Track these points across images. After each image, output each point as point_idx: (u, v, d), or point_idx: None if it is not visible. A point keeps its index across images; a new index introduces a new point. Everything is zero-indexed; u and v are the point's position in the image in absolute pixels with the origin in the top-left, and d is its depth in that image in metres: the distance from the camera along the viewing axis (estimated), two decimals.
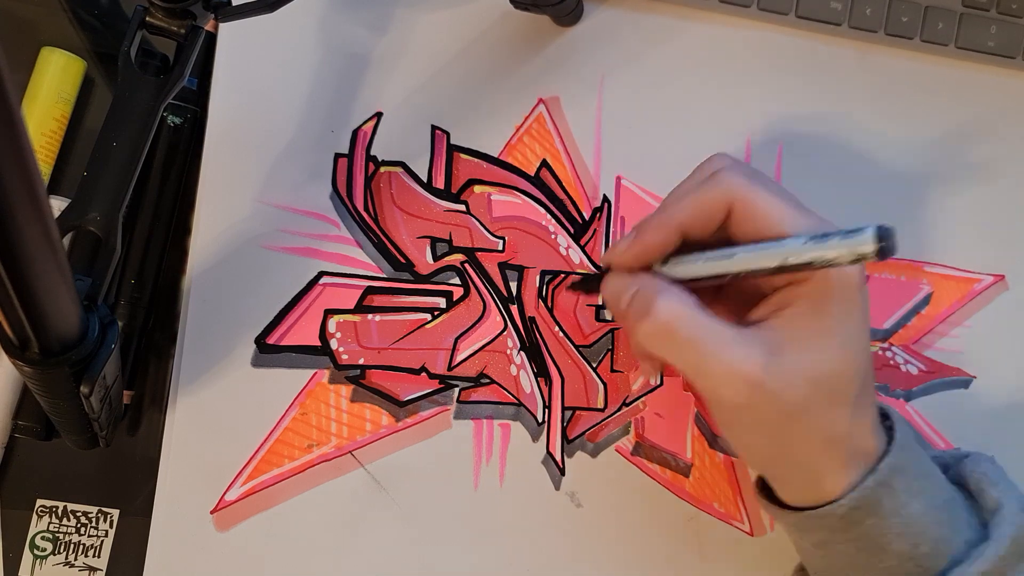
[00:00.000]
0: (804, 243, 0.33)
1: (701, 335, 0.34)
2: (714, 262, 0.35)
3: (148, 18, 0.37)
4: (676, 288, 0.36)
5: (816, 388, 0.34)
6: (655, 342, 0.36)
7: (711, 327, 0.34)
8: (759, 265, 0.34)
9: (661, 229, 0.36)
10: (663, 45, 0.48)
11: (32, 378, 0.31)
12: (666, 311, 0.35)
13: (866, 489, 0.35)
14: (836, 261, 0.32)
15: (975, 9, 0.48)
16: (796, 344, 0.34)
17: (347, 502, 0.42)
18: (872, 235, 0.31)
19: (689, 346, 0.35)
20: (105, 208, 0.35)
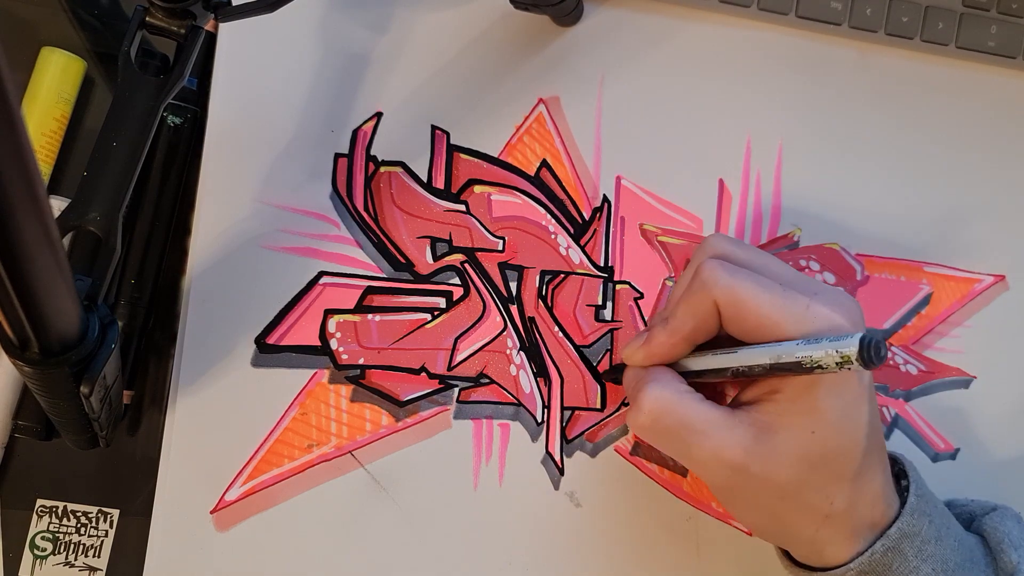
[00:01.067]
0: (796, 345, 0.33)
1: (686, 422, 0.35)
2: (720, 356, 0.37)
3: (148, 18, 0.37)
4: (666, 375, 0.37)
5: (810, 467, 0.35)
6: (643, 433, 0.37)
7: (697, 412, 0.35)
8: (755, 361, 0.35)
9: (668, 341, 0.38)
10: (663, 45, 0.48)
11: (32, 378, 0.31)
12: (651, 400, 0.36)
13: (875, 554, 0.35)
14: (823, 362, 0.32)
15: (975, 9, 0.48)
16: (786, 425, 0.35)
17: (347, 502, 0.42)
18: (857, 345, 0.31)
19: (674, 434, 0.36)
20: (105, 208, 0.35)
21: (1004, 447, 0.47)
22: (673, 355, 0.38)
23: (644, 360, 0.39)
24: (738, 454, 0.35)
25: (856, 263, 0.47)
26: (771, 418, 0.35)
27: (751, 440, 0.35)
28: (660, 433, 0.36)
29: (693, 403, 0.36)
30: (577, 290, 0.45)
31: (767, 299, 0.35)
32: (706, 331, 0.37)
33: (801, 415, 0.35)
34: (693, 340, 0.37)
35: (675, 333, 0.37)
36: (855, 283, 0.47)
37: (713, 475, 0.36)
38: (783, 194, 0.47)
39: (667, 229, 0.46)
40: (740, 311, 0.35)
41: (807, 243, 0.47)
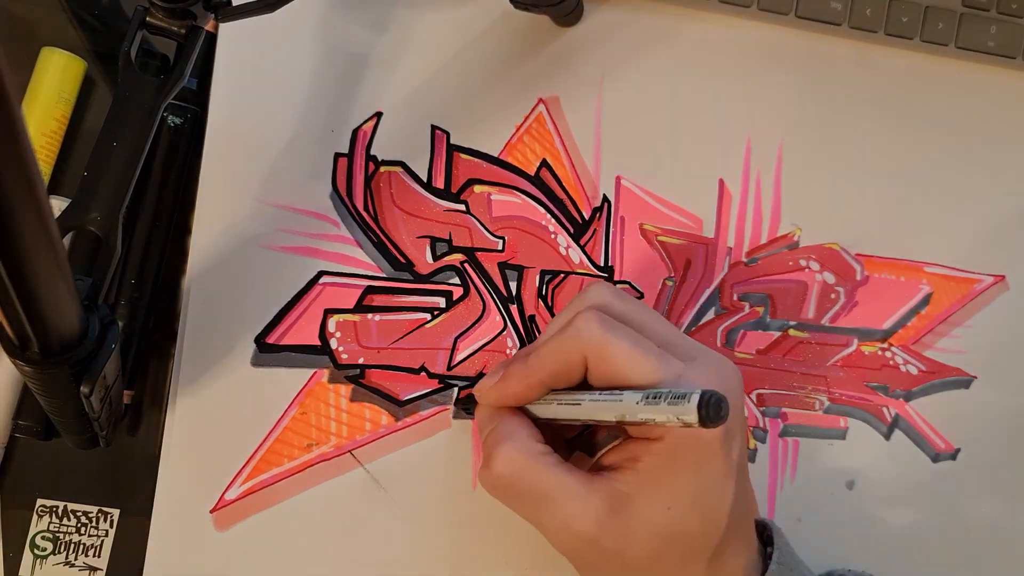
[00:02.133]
0: (637, 402, 0.32)
1: (538, 488, 0.34)
2: (565, 407, 0.35)
3: (148, 18, 0.37)
4: (522, 432, 0.35)
5: (665, 544, 0.33)
6: (493, 493, 0.36)
7: (550, 479, 0.34)
8: (601, 417, 0.34)
9: (523, 381, 0.36)
10: (663, 45, 0.48)
11: (32, 378, 0.31)
12: (503, 463, 0.34)
13: None
14: (666, 423, 0.31)
15: (975, 9, 0.48)
16: (643, 498, 0.33)
17: (347, 501, 0.42)
18: (695, 404, 0.30)
19: (525, 499, 0.34)
20: (105, 208, 0.35)
21: (1004, 447, 0.47)
22: (526, 397, 0.36)
23: (496, 401, 0.37)
24: (590, 526, 0.33)
25: (856, 263, 0.47)
26: (628, 488, 0.33)
27: (605, 512, 0.33)
28: (511, 496, 0.35)
29: (547, 468, 0.34)
30: (577, 290, 0.45)
31: (639, 360, 0.33)
32: (567, 379, 0.35)
33: (659, 489, 0.33)
34: (550, 385, 0.36)
35: (532, 374, 0.36)
36: (855, 283, 0.47)
37: (564, 545, 0.34)
38: (783, 194, 0.47)
39: (667, 229, 0.46)
40: (609, 368, 0.34)
41: (807, 243, 0.47)
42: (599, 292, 0.37)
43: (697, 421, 0.30)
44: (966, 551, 0.46)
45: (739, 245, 0.47)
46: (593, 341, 0.34)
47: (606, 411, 0.33)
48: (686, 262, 0.46)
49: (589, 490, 0.33)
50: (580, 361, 0.35)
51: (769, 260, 0.47)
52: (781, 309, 0.47)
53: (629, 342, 0.34)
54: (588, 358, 0.34)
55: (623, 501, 0.33)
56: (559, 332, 0.35)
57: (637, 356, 0.33)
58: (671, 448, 0.33)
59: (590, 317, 0.35)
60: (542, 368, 0.35)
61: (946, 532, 0.46)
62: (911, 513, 0.46)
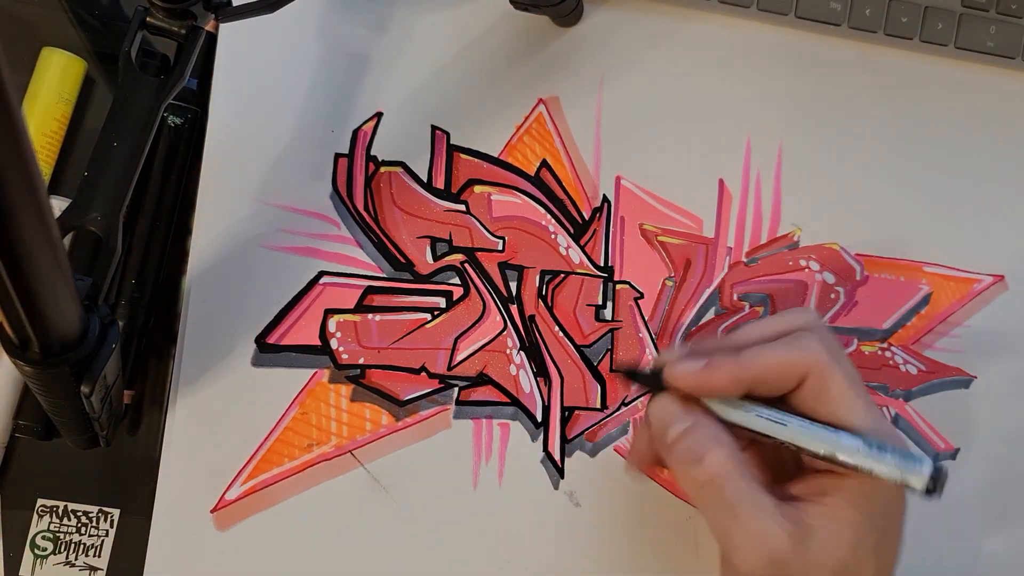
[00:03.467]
0: (859, 447, 0.32)
1: (743, 499, 0.33)
2: (767, 422, 0.34)
3: (148, 18, 0.37)
4: (728, 440, 0.34)
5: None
6: (698, 491, 0.35)
7: (754, 493, 0.34)
8: (808, 446, 0.33)
9: (732, 375, 0.35)
10: (663, 45, 0.48)
11: (32, 378, 0.31)
12: (716, 466, 0.34)
13: None
14: (882, 476, 0.32)
15: (974, 9, 0.48)
16: (828, 536, 0.33)
17: (347, 501, 0.42)
18: (928, 472, 0.30)
19: (728, 507, 0.34)
20: (105, 208, 0.35)
21: (1004, 447, 0.47)
22: (728, 392, 0.35)
23: (695, 388, 0.35)
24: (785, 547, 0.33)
25: (856, 263, 0.47)
26: (814, 521, 0.34)
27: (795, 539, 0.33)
28: (713, 499, 0.34)
29: (752, 482, 0.34)
30: (577, 290, 0.45)
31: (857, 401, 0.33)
32: (774, 388, 0.35)
33: (846, 527, 0.33)
34: (754, 388, 0.35)
35: (743, 371, 0.34)
36: (855, 283, 0.47)
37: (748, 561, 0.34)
38: (783, 194, 0.47)
39: (667, 229, 0.46)
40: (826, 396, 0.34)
41: (807, 243, 0.47)
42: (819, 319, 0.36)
43: (923, 488, 0.30)
44: (966, 551, 0.46)
45: (739, 245, 0.47)
46: (821, 362, 0.34)
47: (817, 442, 0.33)
48: (686, 262, 0.46)
49: (784, 514, 0.33)
50: (797, 376, 0.34)
51: (769, 260, 0.47)
52: (781, 309, 0.47)
53: (851, 379, 0.34)
54: (808, 378, 0.34)
55: (812, 531, 0.33)
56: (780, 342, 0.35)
57: (856, 397, 0.34)
58: (859, 488, 0.34)
59: (820, 339, 0.34)
60: (756, 368, 0.34)
61: (946, 532, 0.46)
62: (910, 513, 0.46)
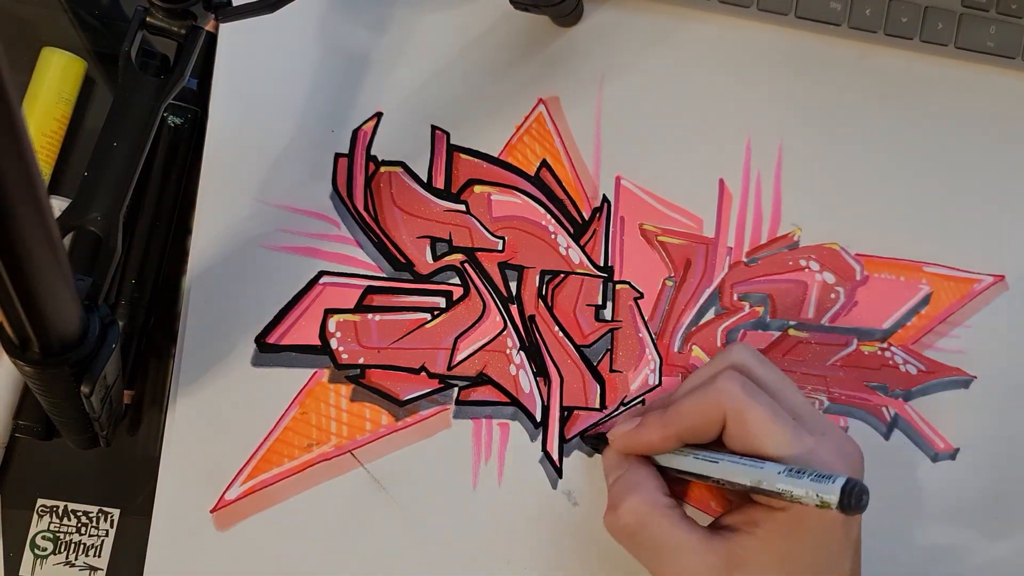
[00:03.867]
0: (779, 474, 0.33)
1: (661, 540, 0.35)
2: (701, 462, 0.36)
3: (148, 18, 0.37)
4: (650, 483, 0.37)
5: None
6: (618, 538, 0.37)
7: (673, 533, 0.35)
8: (735, 479, 0.35)
9: (660, 432, 0.37)
10: (663, 45, 0.48)
11: (32, 378, 0.31)
12: (630, 513, 0.36)
13: None
14: (803, 500, 0.32)
15: (975, 9, 0.48)
16: (759, 565, 0.34)
17: (347, 501, 0.42)
18: (838, 489, 0.31)
19: (646, 547, 0.36)
20: (106, 208, 0.35)
21: (1004, 447, 0.47)
22: (660, 448, 0.38)
23: (628, 448, 0.38)
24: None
25: (856, 263, 0.47)
26: (745, 553, 0.34)
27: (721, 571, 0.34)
28: (633, 544, 0.37)
29: (672, 522, 0.35)
30: (577, 290, 0.45)
31: (776, 431, 0.35)
32: (703, 436, 0.37)
33: (777, 557, 0.34)
34: (685, 440, 0.37)
35: (669, 426, 0.37)
36: (855, 283, 0.47)
37: None
38: (783, 194, 0.47)
39: (667, 229, 0.46)
40: (746, 432, 0.35)
41: (807, 243, 0.47)
42: (741, 354, 0.38)
43: (837, 505, 0.31)
44: (966, 550, 0.46)
45: (739, 245, 0.47)
46: (733, 403, 0.35)
47: (742, 475, 0.34)
48: (686, 262, 0.46)
49: (708, 548, 0.35)
50: (718, 420, 0.36)
51: (769, 260, 0.47)
52: (781, 309, 0.47)
53: (768, 411, 0.35)
54: (727, 419, 0.36)
55: (738, 563, 0.34)
56: (700, 388, 0.37)
57: (775, 427, 0.35)
58: (793, 519, 0.34)
59: (733, 378, 0.36)
60: (680, 422, 0.37)
61: (945, 532, 0.46)
62: (910, 513, 0.46)
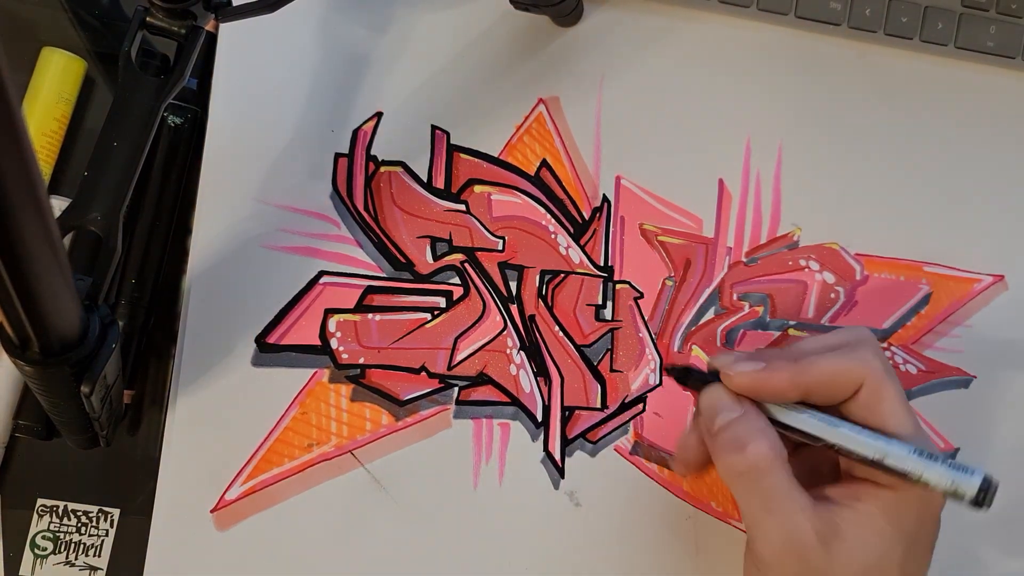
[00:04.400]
0: (910, 454, 0.33)
1: (779, 492, 0.35)
2: (818, 424, 0.35)
3: (148, 18, 0.37)
4: (773, 434, 0.35)
5: None
6: (736, 478, 0.36)
7: (790, 489, 0.35)
8: (858, 449, 0.34)
9: (790, 379, 0.36)
10: (663, 45, 0.48)
11: (33, 378, 0.31)
12: (758, 456, 0.35)
13: None
14: (931, 484, 0.32)
15: (975, 9, 0.48)
16: (857, 541, 0.34)
17: (347, 501, 0.42)
18: (978, 483, 0.31)
19: (764, 497, 0.35)
20: (106, 208, 0.35)
21: (1004, 447, 0.47)
22: (784, 395, 0.36)
23: (751, 387, 0.36)
24: (809, 541, 0.34)
25: (855, 263, 0.47)
26: (844, 525, 0.34)
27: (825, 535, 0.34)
28: (750, 486, 0.35)
29: (791, 477, 0.35)
30: (577, 290, 0.45)
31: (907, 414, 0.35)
32: (829, 395, 0.36)
33: (875, 535, 0.34)
34: (811, 394, 0.36)
35: (801, 375, 0.36)
36: (855, 283, 0.47)
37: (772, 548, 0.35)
38: (783, 194, 0.47)
39: (667, 229, 0.46)
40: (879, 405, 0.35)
41: (807, 243, 0.47)
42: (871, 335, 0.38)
43: (972, 498, 0.31)
44: (965, 550, 0.46)
45: (739, 245, 0.47)
46: (876, 375, 0.35)
47: (867, 447, 0.34)
48: (686, 262, 0.46)
49: (815, 512, 0.34)
50: (853, 385, 0.35)
51: (769, 260, 0.47)
52: (781, 309, 0.47)
53: (902, 395, 0.35)
54: (863, 388, 0.35)
55: (836, 533, 0.34)
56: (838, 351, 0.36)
57: (907, 411, 0.35)
58: (899, 499, 0.34)
59: (876, 352, 0.36)
60: (814, 373, 0.36)
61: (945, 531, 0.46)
62: None
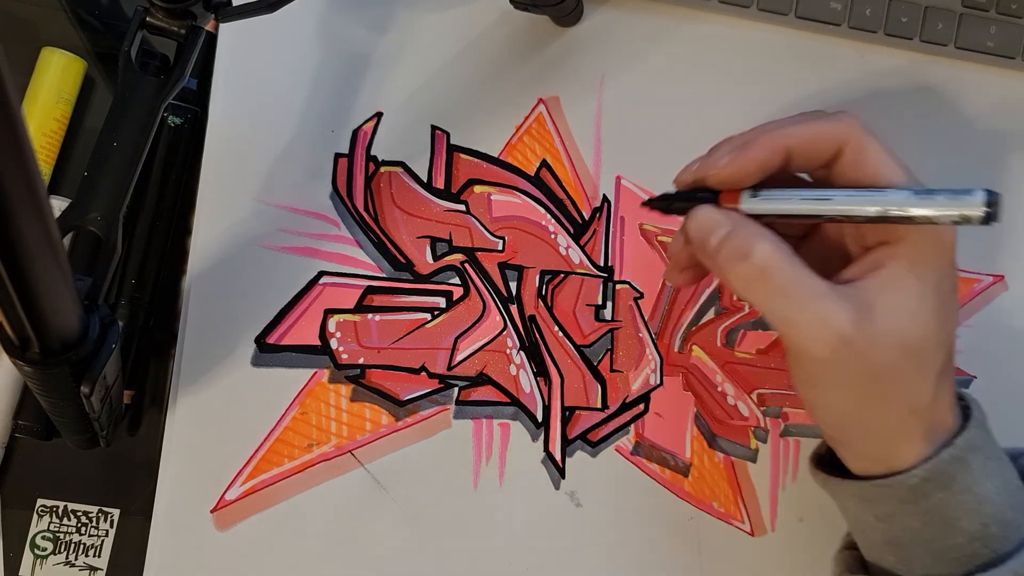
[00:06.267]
0: (908, 196, 0.32)
1: (796, 284, 0.33)
2: (810, 202, 0.34)
3: (148, 18, 0.37)
4: (773, 234, 0.34)
5: (906, 353, 0.33)
6: (749, 286, 0.34)
7: (806, 277, 0.33)
8: (858, 211, 0.33)
9: (768, 146, 0.34)
10: (663, 45, 0.48)
11: (33, 378, 0.31)
12: (764, 256, 0.33)
13: (941, 462, 0.34)
14: (938, 220, 0.31)
15: (975, 9, 0.48)
16: (890, 306, 0.33)
17: (347, 501, 0.42)
18: (982, 198, 0.30)
19: (783, 294, 0.33)
20: (105, 208, 0.35)
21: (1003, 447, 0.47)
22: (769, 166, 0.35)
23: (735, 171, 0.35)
24: (847, 324, 0.32)
25: None
26: (873, 295, 0.33)
27: (858, 314, 0.33)
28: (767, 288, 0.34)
29: (802, 268, 0.33)
30: (577, 290, 0.45)
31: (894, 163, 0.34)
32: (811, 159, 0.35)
33: (905, 293, 0.33)
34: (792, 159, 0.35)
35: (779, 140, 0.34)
36: None
37: (813, 344, 0.33)
38: None
39: (667, 229, 0.46)
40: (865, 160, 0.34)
41: None
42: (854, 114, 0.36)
43: (983, 213, 0.29)
44: None
45: None
46: (857, 130, 0.34)
47: (867, 203, 0.32)
48: None
49: (839, 294, 0.33)
50: (834, 147, 0.34)
51: None
52: None
53: (887, 147, 0.34)
54: (845, 148, 0.34)
55: (872, 306, 0.33)
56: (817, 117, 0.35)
57: (894, 159, 0.34)
58: (914, 253, 0.33)
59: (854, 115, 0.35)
60: (793, 136, 0.35)
61: None
62: None
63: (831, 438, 0.37)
